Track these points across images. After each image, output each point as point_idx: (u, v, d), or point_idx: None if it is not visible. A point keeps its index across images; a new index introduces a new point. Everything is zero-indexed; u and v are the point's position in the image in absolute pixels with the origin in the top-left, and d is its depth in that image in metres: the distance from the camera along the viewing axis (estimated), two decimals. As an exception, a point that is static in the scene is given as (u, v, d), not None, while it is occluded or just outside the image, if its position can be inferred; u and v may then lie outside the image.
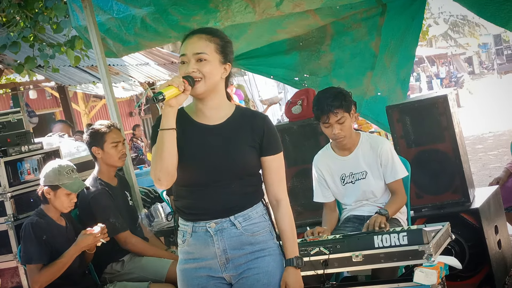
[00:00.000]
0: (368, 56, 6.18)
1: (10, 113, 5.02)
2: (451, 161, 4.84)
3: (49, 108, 17.30)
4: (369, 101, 6.31)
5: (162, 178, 2.75)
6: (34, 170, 4.79)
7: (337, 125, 4.15)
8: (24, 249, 4.22)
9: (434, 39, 47.09)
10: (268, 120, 2.95)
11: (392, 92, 6.21)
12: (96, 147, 4.69)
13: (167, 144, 2.72)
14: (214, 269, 2.87)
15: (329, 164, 4.33)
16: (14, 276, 4.57)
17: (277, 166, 2.92)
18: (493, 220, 4.97)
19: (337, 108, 4.13)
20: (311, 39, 6.27)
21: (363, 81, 6.24)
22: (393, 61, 6.11)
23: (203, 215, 2.85)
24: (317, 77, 6.41)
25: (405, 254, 3.53)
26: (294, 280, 2.88)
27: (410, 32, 5.96)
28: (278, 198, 2.92)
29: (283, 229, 2.92)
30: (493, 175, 6.38)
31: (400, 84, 6.20)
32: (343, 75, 6.28)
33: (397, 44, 6.03)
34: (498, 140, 14.01)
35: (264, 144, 2.88)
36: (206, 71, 2.79)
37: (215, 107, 2.88)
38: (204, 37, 2.82)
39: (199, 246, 2.86)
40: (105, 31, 5.16)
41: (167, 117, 2.73)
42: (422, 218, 4.75)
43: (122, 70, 13.58)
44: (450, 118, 4.81)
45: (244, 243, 2.85)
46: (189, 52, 2.80)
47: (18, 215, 4.57)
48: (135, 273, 4.63)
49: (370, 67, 6.22)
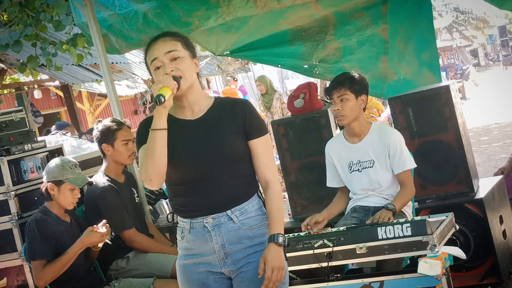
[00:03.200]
0: (378, 42, 6.15)
1: (13, 112, 5.02)
2: (455, 151, 4.82)
3: (54, 108, 17.33)
4: (392, 85, 6.29)
5: (154, 178, 2.75)
6: (37, 169, 4.79)
7: (339, 102, 4.20)
8: (28, 245, 4.23)
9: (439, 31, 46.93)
10: (249, 104, 2.96)
11: (417, 74, 6.16)
12: (106, 144, 4.70)
13: (158, 144, 2.72)
14: (213, 265, 2.88)
15: (339, 150, 4.37)
16: (19, 275, 4.58)
17: (263, 148, 2.91)
18: (498, 210, 4.96)
19: (340, 85, 4.21)
20: (314, 28, 6.25)
21: (378, 65, 6.23)
22: (408, 46, 6.07)
23: (200, 211, 2.85)
24: (327, 64, 6.41)
25: (409, 245, 3.53)
26: (274, 256, 2.79)
27: (421, 18, 5.91)
28: (267, 179, 2.91)
29: (269, 209, 2.89)
30: (499, 166, 6.35)
31: (428, 67, 6.12)
32: (355, 60, 6.28)
33: (409, 30, 5.98)
34: (503, 131, 13.96)
35: (248, 127, 2.88)
36: (183, 68, 2.81)
37: (194, 101, 2.89)
38: (168, 38, 2.87)
39: (197, 242, 2.87)
40: (107, 27, 5.16)
41: (160, 117, 2.73)
42: (427, 209, 4.74)
43: (125, 68, 13.59)
44: (453, 109, 4.79)
45: (242, 237, 2.86)
46: (160, 54, 2.82)
47: (22, 214, 4.57)
48: (140, 270, 4.64)
49: (382, 52, 6.19)
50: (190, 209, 2.87)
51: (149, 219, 5.21)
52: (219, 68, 15.51)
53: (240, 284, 2.88)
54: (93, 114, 16.02)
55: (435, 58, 6.18)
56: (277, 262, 2.79)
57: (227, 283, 2.92)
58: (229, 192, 2.85)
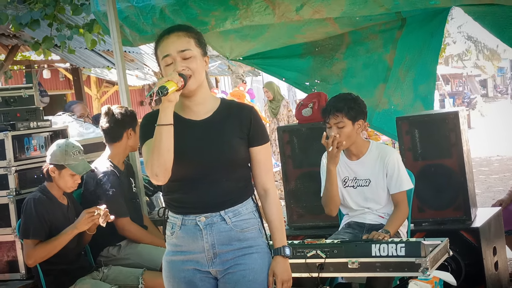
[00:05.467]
0: (382, 68, 6.17)
1: (22, 88, 5.03)
2: (456, 178, 4.83)
3: (61, 90, 17.33)
4: (381, 113, 6.28)
5: (160, 174, 2.74)
6: (40, 147, 4.79)
7: (336, 128, 4.19)
8: (23, 223, 4.24)
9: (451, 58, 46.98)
10: (255, 111, 2.97)
11: (409, 106, 6.17)
12: (131, 128, 4.74)
13: (165, 140, 2.72)
14: (201, 263, 2.88)
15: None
16: (10, 250, 4.58)
17: (264, 156, 2.93)
18: (493, 241, 4.96)
19: (338, 112, 4.18)
20: (328, 45, 6.27)
21: (374, 92, 6.23)
22: (408, 75, 6.09)
23: (193, 208, 2.85)
24: (328, 84, 6.40)
25: (401, 265, 3.53)
26: (283, 269, 2.88)
27: (429, 49, 5.95)
28: (265, 188, 2.94)
29: (271, 219, 2.93)
30: (497, 197, 6.36)
31: (421, 100, 6.14)
32: (354, 84, 6.26)
33: (414, 59, 6.01)
34: (504, 164, 13.97)
35: (252, 134, 2.89)
36: (194, 67, 2.81)
37: (201, 102, 2.90)
38: (183, 34, 2.85)
39: (187, 239, 2.87)
40: (123, 19, 5.17)
41: (166, 112, 2.73)
42: (422, 232, 4.74)
43: (138, 58, 13.62)
44: (459, 135, 4.80)
45: (233, 239, 2.86)
46: (173, 51, 2.82)
47: (21, 190, 4.57)
48: (131, 259, 4.64)
49: (382, 79, 6.20)
50: (183, 206, 2.88)
51: (144, 210, 5.21)
52: (229, 69, 15.54)
53: (225, 285, 2.88)
54: (99, 100, 16.04)
55: (431, 92, 6.19)
56: (286, 276, 2.89)
57: (213, 283, 2.92)
58: (225, 193, 2.86)
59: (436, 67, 6.14)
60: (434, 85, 6.24)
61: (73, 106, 6.88)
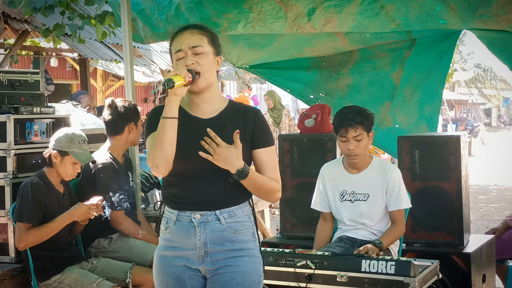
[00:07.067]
0: (388, 86, 6.17)
1: (29, 73, 5.04)
2: (452, 201, 4.83)
3: (67, 79, 17.37)
4: (385, 131, 6.27)
5: (160, 166, 2.77)
6: (41, 133, 4.80)
7: (354, 141, 4.16)
8: (18, 206, 4.25)
9: (458, 83, 47.03)
10: (260, 114, 2.99)
11: (413, 126, 6.16)
12: (133, 123, 4.76)
13: (168, 133, 2.75)
14: (191, 260, 2.89)
15: (334, 176, 4.36)
16: (2, 233, 4.58)
17: (269, 157, 2.94)
18: (483, 268, 4.96)
19: (358, 124, 4.15)
20: (335, 60, 6.26)
21: (379, 110, 6.22)
22: (415, 95, 6.09)
23: (190, 205, 2.87)
24: (332, 98, 6.39)
25: (389, 283, 3.54)
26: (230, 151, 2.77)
27: (437, 70, 5.95)
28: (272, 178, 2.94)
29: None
30: (491, 226, 6.36)
31: (426, 120, 6.12)
32: (359, 100, 6.21)
33: (421, 80, 6.01)
34: (502, 194, 13.98)
35: (255, 137, 2.91)
36: (204, 63, 2.85)
37: (209, 100, 2.92)
38: (196, 31, 2.91)
39: (180, 235, 2.88)
40: (138, 11, 5.17)
41: (171, 106, 2.76)
42: (413, 252, 4.73)
43: (146, 54, 13.64)
44: (459, 159, 4.81)
45: (225, 240, 2.87)
46: (185, 46, 2.86)
47: (18, 174, 4.57)
48: (121, 253, 4.65)
49: (388, 97, 6.19)
50: (180, 201, 2.89)
51: (139, 206, 5.21)
52: (236, 74, 15.56)
53: (214, 285, 2.89)
54: (104, 93, 16.06)
55: (436, 113, 6.18)
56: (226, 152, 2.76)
57: (202, 282, 2.93)
58: (223, 193, 2.87)
59: (442, 89, 6.14)
60: (440, 107, 6.22)
61: (81, 96, 6.88)
